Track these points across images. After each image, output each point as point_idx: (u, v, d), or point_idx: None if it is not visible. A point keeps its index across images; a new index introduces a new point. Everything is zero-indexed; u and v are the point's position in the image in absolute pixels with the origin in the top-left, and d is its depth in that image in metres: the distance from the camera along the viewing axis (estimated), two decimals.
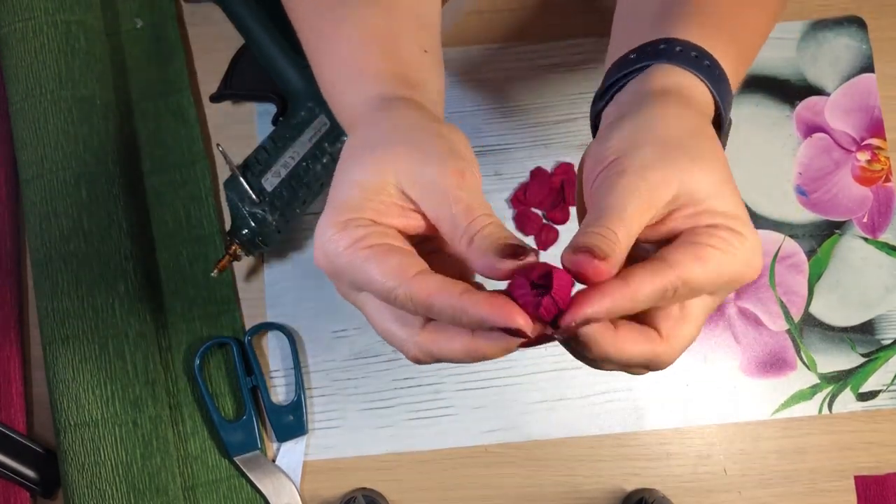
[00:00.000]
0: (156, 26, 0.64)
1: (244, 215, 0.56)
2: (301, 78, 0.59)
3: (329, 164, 0.58)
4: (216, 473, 0.58)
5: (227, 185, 0.57)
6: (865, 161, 0.62)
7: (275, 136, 0.58)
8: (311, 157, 0.57)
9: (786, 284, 0.60)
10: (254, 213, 0.56)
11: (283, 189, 0.57)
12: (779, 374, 0.59)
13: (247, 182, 0.56)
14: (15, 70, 0.58)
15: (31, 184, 0.57)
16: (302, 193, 0.57)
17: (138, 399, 0.55)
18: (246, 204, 0.56)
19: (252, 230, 0.56)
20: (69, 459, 0.53)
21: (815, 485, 0.58)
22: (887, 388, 0.59)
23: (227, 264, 0.57)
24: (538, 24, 0.64)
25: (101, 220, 0.57)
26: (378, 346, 0.60)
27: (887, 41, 0.63)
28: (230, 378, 0.59)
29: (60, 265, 0.55)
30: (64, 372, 0.54)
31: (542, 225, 0.61)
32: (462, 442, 0.59)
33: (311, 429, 0.59)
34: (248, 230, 0.56)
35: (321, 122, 0.58)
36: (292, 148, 0.57)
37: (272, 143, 0.58)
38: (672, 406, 0.59)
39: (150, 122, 0.63)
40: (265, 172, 0.57)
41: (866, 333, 0.60)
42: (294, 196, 0.57)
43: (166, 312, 0.60)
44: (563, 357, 0.59)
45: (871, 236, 0.61)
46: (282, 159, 0.57)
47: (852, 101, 0.62)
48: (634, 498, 0.57)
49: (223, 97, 0.61)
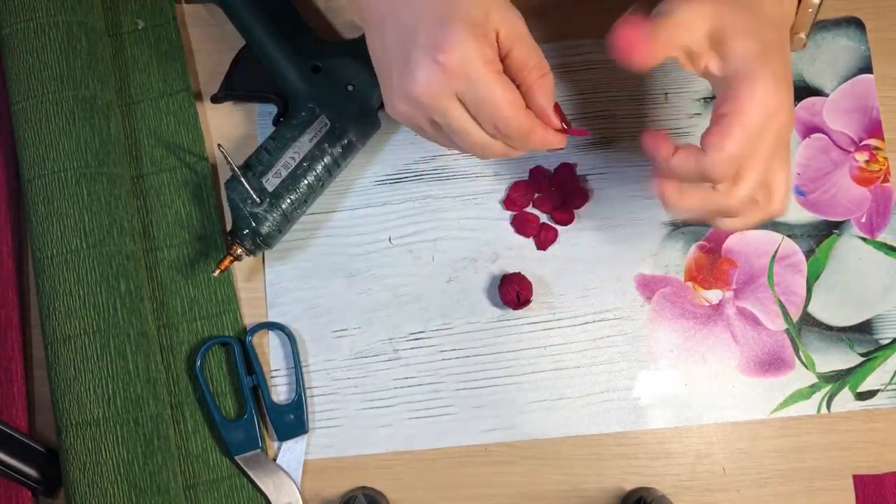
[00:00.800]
0: (157, 27, 0.64)
1: (245, 215, 0.56)
2: (302, 79, 0.59)
3: (330, 165, 0.58)
4: (217, 472, 0.58)
5: (228, 186, 0.57)
6: (864, 161, 0.62)
7: (276, 136, 0.58)
8: (311, 157, 0.57)
9: (784, 284, 0.61)
10: (255, 214, 0.56)
11: (283, 189, 0.57)
12: (777, 374, 0.60)
13: (248, 182, 0.56)
14: (16, 70, 0.58)
15: (32, 184, 0.57)
16: (303, 193, 0.57)
17: (139, 398, 0.55)
18: (247, 204, 0.56)
19: (253, 230, 0.56)
20: (71, 458, 0.54)
21: (813, 484, 0.58)
22: (886, 387, 0.59)
23: (228, 265, 0.57)
24: (538, 24, 0.64)
25: (102, 220, 0.57)
26: (378, 346, 0.60)
27: (886, 42, 0.63)
28: (231, 377, 0.60)
29: (62, 265, 0.56)
30: (65, 371, 0.54)
31: (542, 224, 0.61)
32: (462, 441, 0.59)
33: (311, 428, 0.59)
34: (249, 230, 0.56)
35: (322, 122, 0.58)
36: (293, 148, 0.57)
37: (273, 144, 0.58)
38: (671, 405, 0.59)
39: (150, 122, 0.63)
40: (266, 173, 0.57)
41: (864, 333, 0.60)
42: (295, 196, 0.57)
43: (167, 312, 0.60)
44: (562, 357, 0.60)
45: (869, 236, 0.61)
46: (283, 159, 0.57)
47: (850, 101, 0.63)
48: (634, 497, 0.57)
49: (224, 98, 0.61)
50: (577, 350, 0.60)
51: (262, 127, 0.63)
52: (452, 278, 0.61)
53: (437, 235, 0.61)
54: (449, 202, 0.62)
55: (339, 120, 0.58)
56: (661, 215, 0.61)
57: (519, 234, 0.61)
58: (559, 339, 0.60)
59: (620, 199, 0.62)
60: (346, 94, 0.59)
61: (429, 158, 0.63)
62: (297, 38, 0.60)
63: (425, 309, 0.60)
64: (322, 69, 0.59)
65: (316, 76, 0.59)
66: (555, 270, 0.61)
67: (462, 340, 0.60)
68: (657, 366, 0.60)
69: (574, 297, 0.61)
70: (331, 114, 0.58)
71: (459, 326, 0.60)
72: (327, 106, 0.58)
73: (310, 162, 0.57)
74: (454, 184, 0.62)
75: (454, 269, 0.61)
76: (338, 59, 0.59)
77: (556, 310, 0.60)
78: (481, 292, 0.60)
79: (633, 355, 0.60)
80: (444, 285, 0.61)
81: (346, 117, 0.58)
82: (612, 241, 0.61)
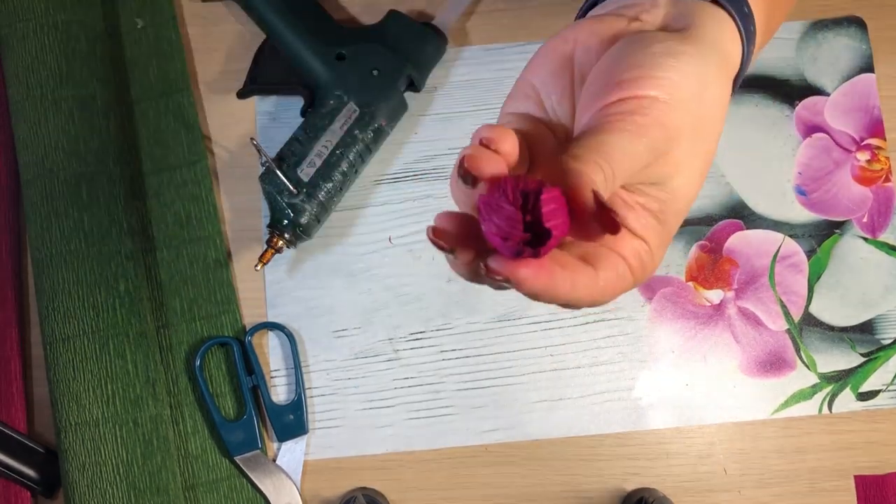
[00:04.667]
0: (156, 26, 0.64)
1: (283, 207, 0.56)
2: (327, 67, 0.59)
3: (363, 151, 0.58)
4: (217, 473, 0.58)
5: (263, 179, 0.57)
6: (865, 161, 0.62)
7: (306, 126, 0.58)
8: (343, 144, 0.58)
9: (785, 284, 0.60)
10: (293, 205, 0.56)
11: (319, 178, 0.57)
12: (778, 374, 0.59)
13: (283, 174, 0.56)
14: (15, 70, 0.58)
15: (31, 184, 0.57)
16: (338, 181, 0.58)
17: (139, 398, 0.55)
18: (284, 196, 0.56)
19: (293, 221, 0.57)
20: (70, 459, 0.54)
21: (814, 484, 0.58)
22: (887, 387, 0.59)
23: (270, 257, 0.57)
24: (538, 24, 0.64)
25: (101, 220, 0.57)
26: (378, 346, 0.60)
27: (887, 41, 0.63)
28: (231, 378, 0.59)
29: (61, 265, 0.56)
30: (65, 371, 0.54)
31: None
32: (462, 441, 0.59)
33: (311, 428, 0.59)
34: (288, 222, 0.57)
35: (350, 109, 0.58)
36: (325, 137, 0.58)
37: (304, 134, 0.58)
38: (672, 405, 0.59)
39: (150, 122, 0.63)
40: (300, 163, 0.57)
41: (866, 333, 0.60)
42: (331, 184, 0.58)
43: (167, 312, 0.60)
44: (563, 357, 0.60)
45: (870, 236, 0.61)
46: (315, 149, 0.58)
47: (852, 100, 0.62)
48: (634, 497, 0.57)
49: (250, 92, 0.62)
50: (578, 350, 0.60)
51: (261, 126, 0.63)
52: (452, 278, 0.61)
53: None
54: (449, 202, 0.61)
55: (368, 105, 0.59)
56: None
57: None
58: (560, 340, 0.60)
59: None
60: (373, 79, 0.59)
61: (429, 158, 0.62)
62: (319, 27, 0.60)
63: (425, 309, 0.60)
64: (346, 56, 0.60)
65: (341, 64, 0.59)
66: None
67: (462, 340, 0.60)
68: (658, 366, 0.60)
69: None
70: (359, 100, 0.59)
71: (459, 326, 0.60)
72: (355, 92, 0.59)
73: (342, 149, 0.58)
74: None
75: None
76: (361, 44, 0.60)
77: (557, 310, 0.60)
78: (481, 292, 0.60)
79: (633, 355, 0.60)
80: (444, 285, 0.61)
81: (375, 102, 0.59)
82: None
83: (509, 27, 0.64)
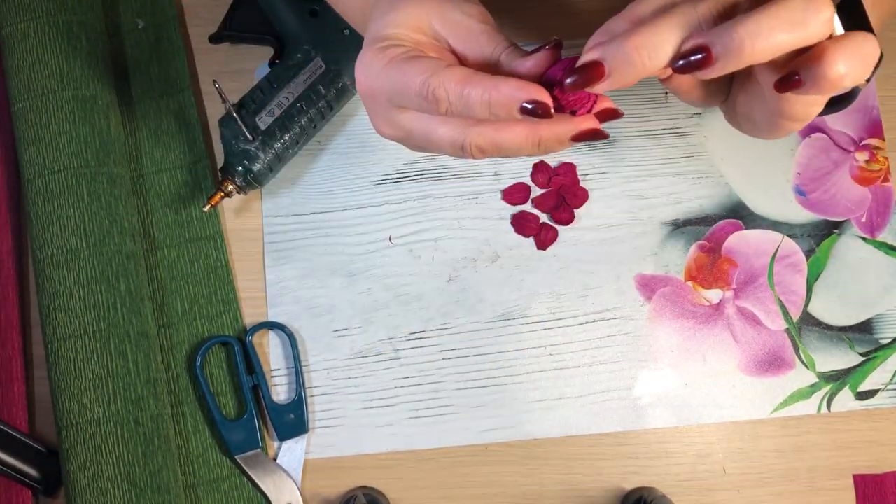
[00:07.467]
0: (157, 27, 0.64)
1: (237, 152, 0.57)
2: (299, 21, 0.60)
3: (324, 108, 0.59)
4: (217, 472, 0.58)
5: (221, 123, 0.57)
6: (864, 161, 0.62)
7: (271, 76, 0.59)
8: (305, 98, 0.58)
9: (784, 284, 0.61)
10: (247, 151, 0.57)
11: (276, 128, 0.58)
12: (777, 374, 0.60)
13: (241, 120, 0.57)
14: (17, 70, 0.59)
15: (32, 183, 0.57)
16: (295, 133, 0.58)
17: (140, 398, 0.55)
18: (240, 141, 0.57)
19: (245, 167, 0.57)
20: (71, 458, 0.54)
21: (813, 483, 0.58)
22: (886, 387, 0.59)
23: (218, 200, 0.58)
24: (538, 24, 0.64)
25: (102, 220, 0.57)
26: (378, 346, 0.60)
27: (885, 41, 0.63)
28: (231, 377, 0.60)
29: (62, 264, 0.56)
30: (66, 371, 0.54)
31: (542, 224, 0.61)
32: (462, 440, 0.59)
33: (311, 427, 0.59)
34: (241, 167, 0.57)
35: (317, 64, 0.59)
36: (287, 88, 0.58)
37: (267, 84, 0.58)
38: (671, 405, 0.59)
39: (150, 122, 0.63)
40: (259, 111, 0.58)
41: (865, 333, 0.60)
42: (288, 136, 0.58)
43: (168, 312, 0.60)
44: (563, 356, 0.60)
45: (869, 236, 0.61)
46: (276, 99, 0.58)
47: None
48: (634, 496, 0.57)
49: (222, 38, 0.62)
50: (578, 350, 0.60)
51: None
52: (452, 278, 0.61)
53: (437, 235, 0.61)
54: (449, 202, 0.62)
55: (335, 63, 0.59)
56: (661, 215, 0.61)
57: (519, 234, 0.61)
58: (559, 339, 0.60)
59: (620, 198, 0.62)
60: (343, 37, 0.60)
61: (429, 158, 0.63)
62: None
63: (425, 309, 0.60)
64: (319, 12, 0.60)
65: (313, 19, 0.60)
66: (555, 270, 0.61)
67: (462, 340, 0.60)
68: (657, 365, 0.60)
69: (574, 297, 0.60)
70: (326, 56, 0.59)
71: (459, 326, 0.60)
72: (323, 48, 0.59)
73: (303, 103, 0.58)
74: (454, 183, 0.62)
75: (454, 268, 0.61)
76: None
77: (557, 310, 0.60)
78: (481, 292, 0.60)
79: (633, 355, 0.60)
80: (444, 285, 0.61)
81: (342, 61, 0.59)
82: (612, 241, 0.61)
83: (509, 28, 0.64)
